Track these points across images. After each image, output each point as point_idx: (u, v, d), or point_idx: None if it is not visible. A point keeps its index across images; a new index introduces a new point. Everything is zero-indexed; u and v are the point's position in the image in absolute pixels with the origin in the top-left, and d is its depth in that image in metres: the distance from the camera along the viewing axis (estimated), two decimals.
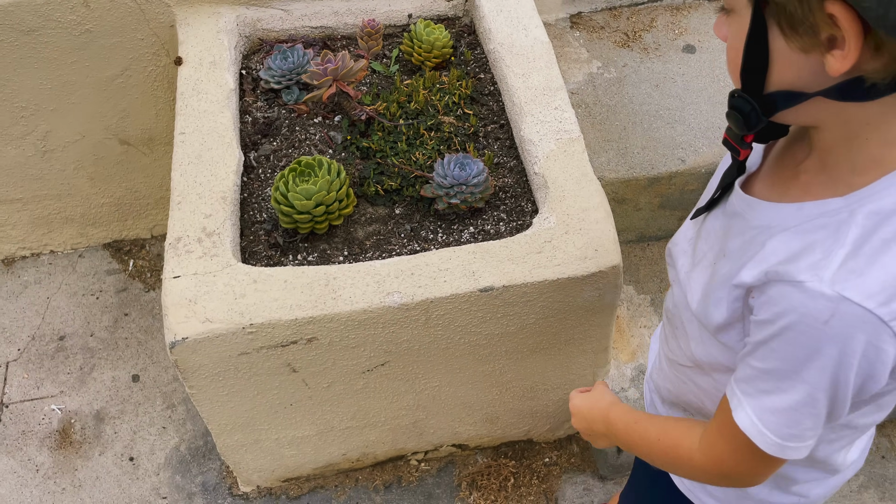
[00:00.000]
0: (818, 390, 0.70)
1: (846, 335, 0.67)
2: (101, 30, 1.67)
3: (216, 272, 1.28)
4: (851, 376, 0.69)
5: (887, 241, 0.66)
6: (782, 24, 0.64)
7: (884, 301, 0.65)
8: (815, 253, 0.69)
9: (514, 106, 1.54)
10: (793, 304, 0.69)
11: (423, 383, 1.48)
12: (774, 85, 0.69)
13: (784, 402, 0.73)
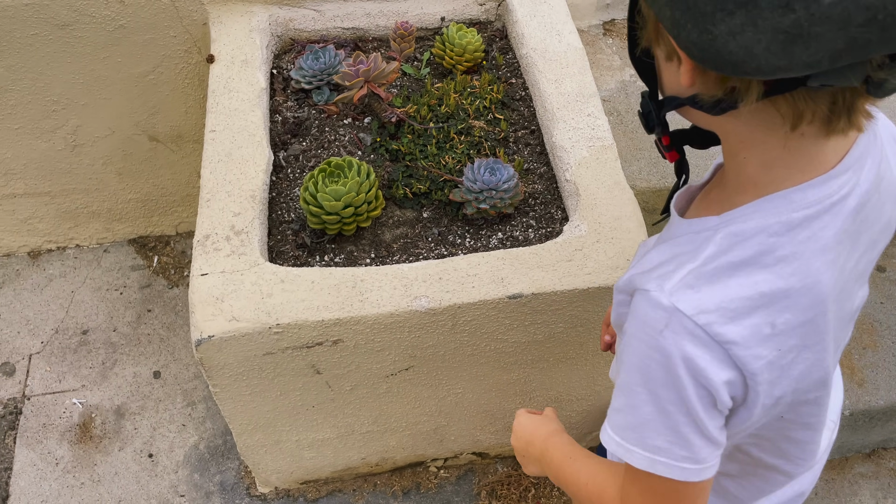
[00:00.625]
0: (666, 402, 0.69)
1: (677, 346, 0.66)
2: (134, 26, 1.68)
3: (244, 271, 1.27)
4: (691, 391, 0.67)
5: (734, 265, 0.66)
6: (660, 48, 0.67)
7: (716, 320, 0.65)
8: (671, 264, 0.70)
9: (546, 112, 1.52)
10: (638, 312, 0.70)
11: (447, 389, 1.47)
12: (664, 91, 0.71)
13: (637, 418, 0.71)
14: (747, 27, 0.53)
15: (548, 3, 1.68)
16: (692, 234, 0.71)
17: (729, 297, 0.65)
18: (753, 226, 0.66)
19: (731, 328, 0.65)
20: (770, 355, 0.66)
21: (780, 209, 0.66)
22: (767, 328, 0.66)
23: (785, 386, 0.69)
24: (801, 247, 0.66)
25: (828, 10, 0.51)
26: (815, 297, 0.67)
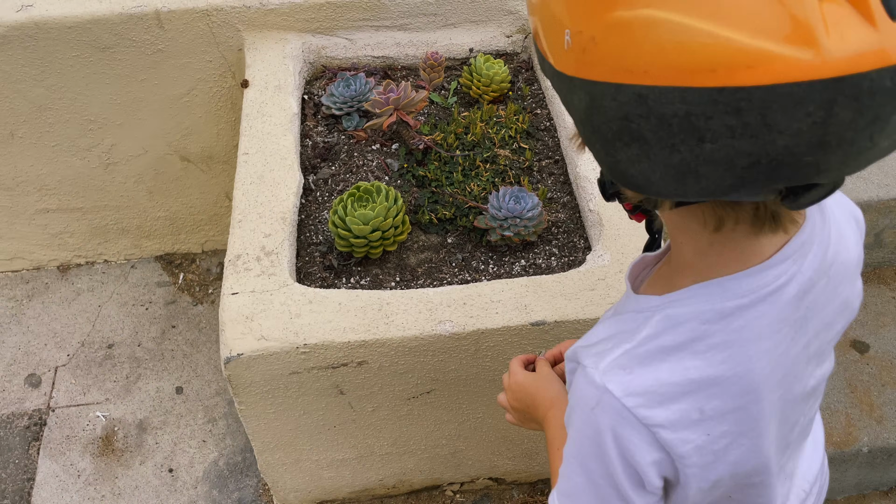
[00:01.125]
0: (597, 476, 0.69)
1: (607, 425, 0.66)
2: (172, 50, 1.73)
3: (273, 291, 1.31)
4: (617, 466, 0.67)
5: (667, 349, 0.66)
6: None
7: (642, 404, 0.65)
8: (610, 342, 0.70)
9: (571, 143, 1.55)
10: (577, 386, 0.71)
11: (467, 413, 1.48)
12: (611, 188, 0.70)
13: (573, 486, 0.72)
14: (642, 159, 0.54)
15: None
16: (635, 313, 0.71)
17: (658, 381, 0.65)
18: (688, 311, 0.66)
19: (658, 412, 0.65)
20: (699, 440, 0.66)
21: (714, 297, 0.66)
22: (696, 413, 0.66)
23: (721, 470, 0.69)
24: (734, 335, 0.65)
25: (710, 154, 0.51)
26: (747, 385, 0.66)
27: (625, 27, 0.51)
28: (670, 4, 0.50)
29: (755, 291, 0.65)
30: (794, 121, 0.49)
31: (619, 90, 0.52)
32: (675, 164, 0.53)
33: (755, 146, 0.50)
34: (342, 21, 1.74)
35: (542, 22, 0.60)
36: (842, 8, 0.48)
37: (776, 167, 0.51)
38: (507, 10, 1.78)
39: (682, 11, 0.49)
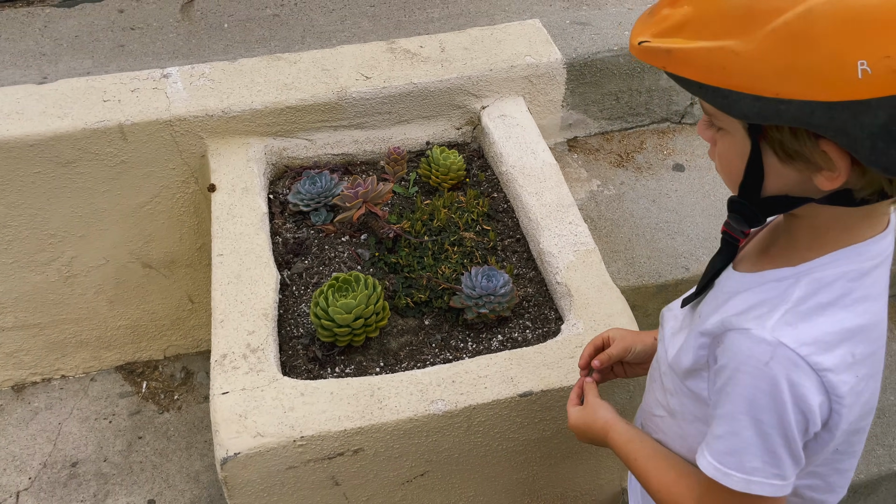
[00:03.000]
0: (767, 427, 0.80)
1: (783, 375, 0.78)
2: (135, 160, 1.77)
3: (264, 387, 1.32)
4: (791, 414, 0.79)
5: (823, 305, 0.79)
6: (778, 151, 0.77)
7: (813, 352, 0.77)
8: (763, 307, 0.82)
9: (531, 221, 1.65)
10: (740, 349, 0.81)
11: (459, 493, 1.50)
12: (769, 192, 0.81)
13: (739, 442, 0.82)
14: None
15: (520, 126, 1.85)
16: (773, 283, 0.83)
17: (822, 332, 0.78)
18: (835, 273, 0.80)
19: (826, 358, 0.78)
20: (852, 381, 0.79)
21: (854, 260, 0.80)
22: (850, 357, 0.79)
23: (857, 410, 0.82)
24: (869, 290, 0.81)
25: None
26: (880, 332, 0.82)
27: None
28: None
29: (880, 255, 0.81)
30: None
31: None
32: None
33: None
34: (302, 123, 1.83)
35: (814, 64, 0.68)
36: None
37: None
38: (456, 104, 1.91)
39: None
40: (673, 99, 2.11)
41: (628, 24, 2.07)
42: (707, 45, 0.73)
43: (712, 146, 0.86)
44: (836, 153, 0.72)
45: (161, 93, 1.79)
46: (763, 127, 0.76)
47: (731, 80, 0.72)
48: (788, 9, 0.68)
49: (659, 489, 0.98)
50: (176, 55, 2.22)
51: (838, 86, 0.67)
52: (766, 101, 0.70)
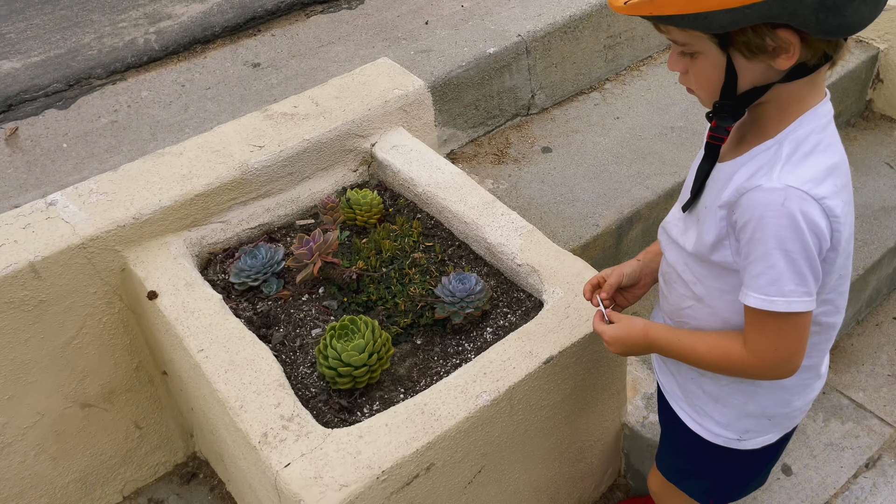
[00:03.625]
0: (794, 254, 1.02)
1: (797, 209, 1.01)
2: (53, 296, 1.65)
3: (320, 445, 1.33)
4: (808, 237, 1.02)
5: (806, 153, 1.04)
6: (745, 52, 1.00)
7: (812, 186, 1.02)
8: (763, 169, 1.05)
9: (468, 225, 1.80)
10: (759, 201, 1.03)
11: (508, 478, 1.59)
12: (742, 88, 1.05)
13: (775, 273, 1.04)
14: (864, 5, 0.92)
15: (415, 151, 1.99)
16: (763, 153, 1.05)
17: (813, 172, 1.01)
18: (805, 131, 1.04)
19: (822, 188, 1.01)
20: (840, 204, 1.03)
21: (814, 119, 1.04)
22: (835, 186, 1.02)
23: (847, 230, 1.07)
24: (832, 137, 1.06)
25: None
26: (846, 167, 1.08)
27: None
28: None
29: (829, 112, 1.07)
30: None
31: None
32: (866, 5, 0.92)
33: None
34: (213, 208, 1.82)
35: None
36: None
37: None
38: (348, 149, 2.00)
39: None
40: (518, 95, 2.37)
41: (463, 42, 2.30)
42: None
43: (683, 74, 1.08)
44: (790, 35, 0.96)
45: (57, 220, 1.69)
46: (731, 36, 0.98)
47: (707, 3, 0.93)
48: None
49: (709, 351, 1.16)
50: (24, 188, 2.08)
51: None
52: (736, 11, 0.93)
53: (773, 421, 1.29)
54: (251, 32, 2.66)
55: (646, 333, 1.24)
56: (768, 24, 0.95)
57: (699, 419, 1.33)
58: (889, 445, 2.07)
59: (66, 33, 2.62)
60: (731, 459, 1.35)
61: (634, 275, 1.38)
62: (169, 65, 2.51)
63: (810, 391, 1.30)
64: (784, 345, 1.09)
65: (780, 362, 1.11)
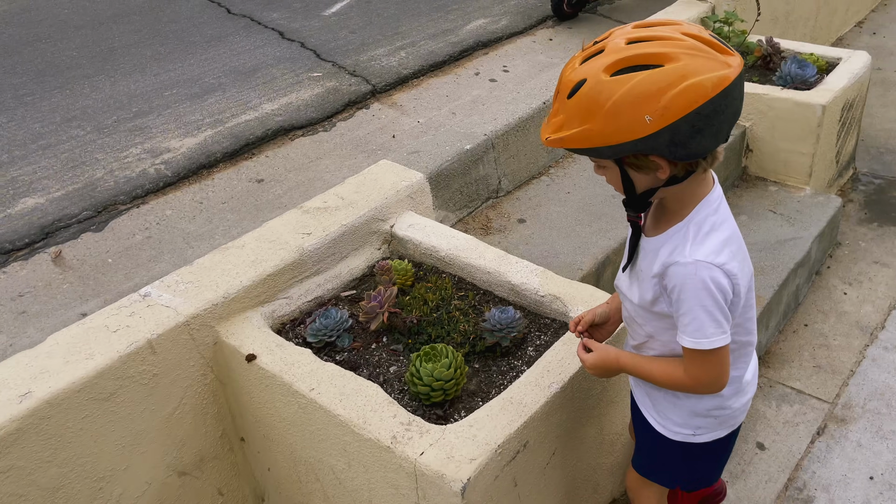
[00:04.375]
0: (710, 307, 1.43)
1: (706, 275, 1.42)
2: (163, 370, 1.90)
3: (442, 436, 1.66)
4: (717, 294, 1.42)
5: (706, 233, 1.45)
6: (633, 168, 1.43)
7: (714, 258, 1.41)
8: (678, 248, 1.46)
9: (490, 274, 2.23)
10: (679, 273, 1.45)
11: (569, 464, 1.95)
12: (639, 190, 1.47)
13: (699, 322, 1.44)
14: (704, 138, 1.33)
15: (429, 227, 2.42)
16: (675, 234, 1.44)
17: (713, 246, 1.41)
18: (702, 216, 1.44)
19: (721, 258, 1.40)
20: (737, 265, 1.41)
21: (708, 206, 1.44)
22: (731, 253, 1.40)
23: (743, 282, 1.44)
24: (724, 214, 1.44)
25: (716, 125, 1.34)
26: (738, 234, 1.47)
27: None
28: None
29: (718, 197, 1.46)
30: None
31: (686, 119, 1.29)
32: (708, 135, 1.31)
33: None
34: (279, 286, 2.15)
35: (627, 123, 1.30)
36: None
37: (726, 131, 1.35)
38: (373, 231, 2.41)
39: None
40: (489, 182, 2.89)
41: (443, 143, 2.82)
42: (576, 130, 1.37)
43: (605, 178, 1.52)
44: (659, 159, 1.39)
45: (157, 306, 1.97)
46: (622, 159, 1.42)
47: (594, 142, 1.37)
48: (605, 101, 1.33)
49: (661, 376, 1.56)
50: (84, 298, 2.32)
51: (639, 129, 1.34)
52: (615, 147, 1.36)
53: (718, 420, 1.66)
54: (247, 156, 3.07)
55: (617, 359, 1.62)
56: (640, 153, 1.35)
57: (662, 421, 1.70)
58: (829, 416, 2.59)
59: (76, 171, 2.91)
60: (689, 452, 1.70)
61: (605, 315, 1.77)
62: (183, 187, 2.85)
63: (742, 396, 1.66)
64: (712, 370, 1.47)
65: (710, 382, 1.49)
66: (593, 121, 1.33)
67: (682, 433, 1.67)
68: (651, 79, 1.28)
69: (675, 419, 1.67)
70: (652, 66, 1.29)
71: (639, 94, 1.29)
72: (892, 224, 3.68)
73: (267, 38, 4.23)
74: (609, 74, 1.31)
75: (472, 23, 4.44)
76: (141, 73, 3.80)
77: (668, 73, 1.28)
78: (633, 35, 1.34)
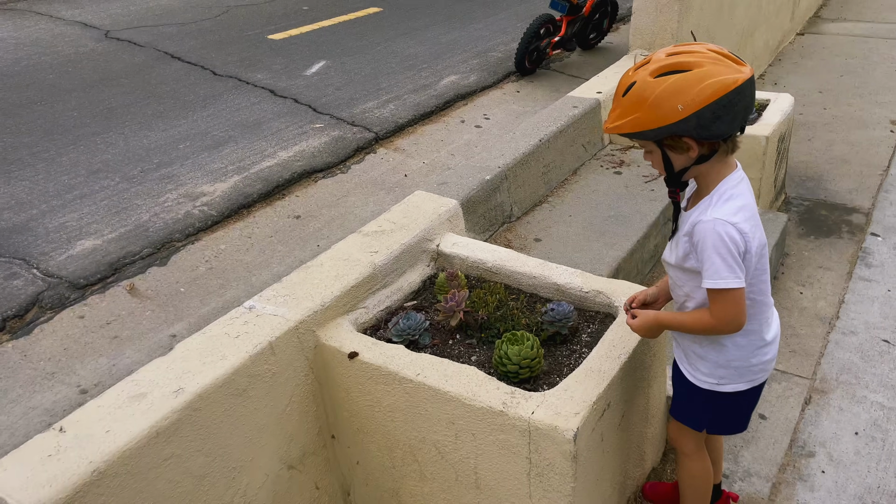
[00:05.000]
0: (725, 255, 1.83)
1: (723, 229, 1.83)
2: (279, 369, 2.14)
3: (545, 399, 1.98)
4: (730, 244, 1.82)
5: (725, 199, 1.86)
6: (670, 149, 1.88)
7: (730, 217, 1.81)
8: (703, 212, 1.89)
9: (535, 278, 2.59)
10: (701, 228, 1.86)
11: (630, 427, 2.29)
12: (676, 169, 1.92)
13: (716, 267, 1.84)
14: (723, 123, 1.77)
15: (472, 244, 2.77)
16: (702, 203, 1.87)
17: (730, 209, 1.80)
18: (724, 188, 1.84)
19: (735, 217, 1.79)
20: (748, 226, 1.77)
21: (730, 182, 1.82)
22: (743, 217, 1.77)
23: (754, 243, 1.80)
24: (741, 190, 1.82)
25: (731, 114, 1.79)
26: (753, 206, 1.84)
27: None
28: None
29: (738, 177, 1.88)
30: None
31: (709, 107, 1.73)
32: (730, 118, 1.74)
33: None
34: (359, 296, 2.43)
35: (664, 111, 1.74)
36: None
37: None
38: (423, 249, 2.73)
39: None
40: (503, 209, 3.28)
41: (465, 175, 3.19)
42: (629, 119, 1.82)
43: (651, 161, 1.96)
44: (689, 140, 1.85)
45: (265, 316, 2.21)
46: (662, 141, 1.87)
47: (642, 127, 1.81)
48: (650, 96, 1.78)
49: (692, 322, 1.95)
50: (169, 322, 2.52)
51: (673, 115, 1.79)
52: (657, 130, 1.81)
53: (738, 372, 1.99)
54: (279, 196, 3.34)
55: (656, 318, 2.01)
56: (675, 135, 1.78)
57: (693, 371, 2.09)
58: (812, 389, 3.05)
59: (121, 216, 3.10)
60: (715, 399, 2.04)
61: (654, 295, 2.16)
62: (228, 225, 3.09)
63: (761, 354, 2.04)
64: (730, 308, 1.81)
65: (730, 320, 1.83)
66: (641, 111, 1.76)
67: (707, 381, 2.03)
68: (683, 78, 1.71)
69: (703, 370, 2.03)
70: (684, 70, 1.72)
71: (674, 89, 1.72)
72: (825, 236, 4.30)
73: (260, 95, 4.53)
74: (653, 77, 1.74)
75: (445, 79, 4.90)
76: (148, 129, 4.02)
77: (696, 74, 1.71)
78: (671, 51, 1.77)
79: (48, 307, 2.50)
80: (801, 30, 8.10)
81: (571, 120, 3.82)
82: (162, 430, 1.82)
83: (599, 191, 3.62)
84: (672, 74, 1.72)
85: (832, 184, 4.88)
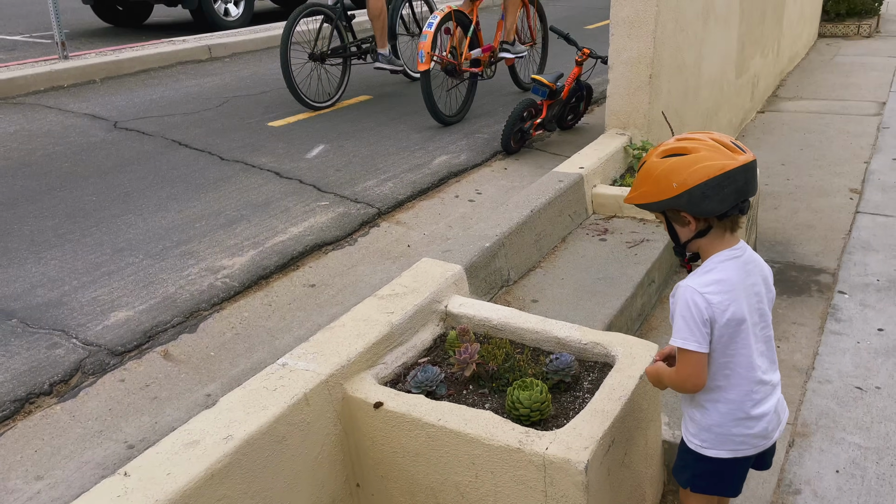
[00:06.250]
0: (688, 318, 2.06)
1: (691, 297, 2.07)
2: (312, 419, 2.35)
3: (556, 437, 2.21)
4: (694, 310, 2.08)
5: (706, 272, 2.10)
6: (673, 220, 2.21)
7: (701, 287, 2.06)
8: (687, 279, 2.19)
9: (538, 333, 2.85)
10: (677, 292, 2.09)
11: (633, 464, 2.52)
12: (683, 240, 2.23)
13: (678, 326, 2.05)
14: (712, 202, 2.06)
15: (478, 304, 3.04)
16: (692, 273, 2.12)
17: (705, 280, 2.07)
18: (711, 262, 2.10)
19: (707, 288, 2.06)
20: (719, 298, 1.97)
21: (719, 257, 2.03)
22: (716, 290, 1.97)
23: (727, 316, 1.97)
24: (725, 265, 2.02)
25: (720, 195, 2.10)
26: (732, 283, 2.00)
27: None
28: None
29: (729, 255, 2.14)
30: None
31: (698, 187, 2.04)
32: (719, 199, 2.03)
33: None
34: (379, 353, 2.67)
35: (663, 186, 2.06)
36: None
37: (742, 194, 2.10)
38: (432, 310, 2.99)
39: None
40: (501, 273, 3.56)
41: (467, 243, 3.48)
42: (639, 191, 2.15)
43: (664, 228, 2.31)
44: (686, 214, 2.16)
45: (298, 371, 2.44)
46: (666, 213, 2.21)
47: (648, 199, 2.14)
48: (654, 172, 2.11)
49: (668, 376, 2.13)
50: (203, 382, 2.74)
51: (670, 191, 2.11)
52: (658, 203, 2.12)
53: (719, 438, 2.09)
54: (293, 268, 3.60)
55: (656, 369, 2.20)
56: (675, 209, 2.04)
57: (685, 430, 2.31)
58: (795, 433, 3.29)
59: (149, 289, 3.34)
60: (698, 460, 2.16)
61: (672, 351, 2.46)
62: (249, 295, 3.33)
63: (744, 427, 2.08)
64: (687, 368, 2.02)
65: (685, 378, 2.04)
66: (647, 185, 2.08)
67: (693, 442, 2.21)
68: (681, 160, 2.03)
69: (691, 430, 2.25)
70: (683, 154, 2.04)
71: (672, 169, 2.03)
72: (797, 295, 4.63)
73: (266, 177, 4.85)
74: (660, 157, 2.06)
75: (438, 158, 5.27)
76: (165, 210, 4.30)
77: (692, 158, 2.03)
78: (679, 137, 2.10)
79: (90, 372, 2.70)
80: (762, 108, 8.71)
81: (558, 192, 4.17)
82: (216, 472, 2.02)
83: (587, 256, 3.93)
84: (674, 157, 2.03)
85: (800, 247, 5.25)
